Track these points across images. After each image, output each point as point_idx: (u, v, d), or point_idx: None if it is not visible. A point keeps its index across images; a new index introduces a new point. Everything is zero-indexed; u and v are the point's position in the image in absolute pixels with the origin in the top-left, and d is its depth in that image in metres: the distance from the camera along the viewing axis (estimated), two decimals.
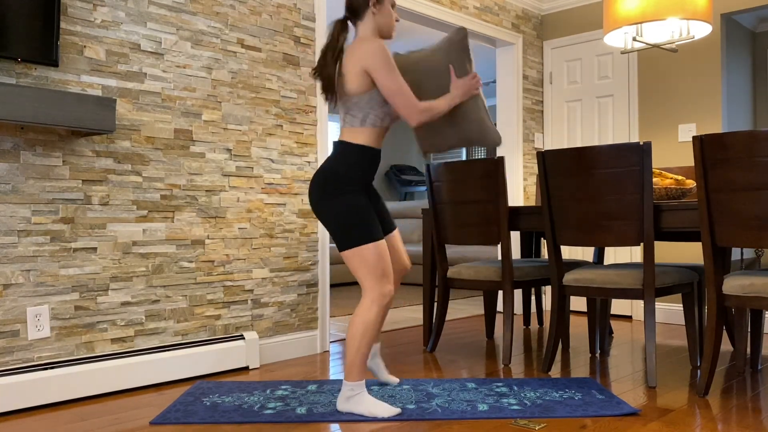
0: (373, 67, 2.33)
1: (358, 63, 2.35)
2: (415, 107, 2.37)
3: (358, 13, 2.45)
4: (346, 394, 2.38)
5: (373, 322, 2.35)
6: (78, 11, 2.65)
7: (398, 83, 2.34)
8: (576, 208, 2.91)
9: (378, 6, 2.44)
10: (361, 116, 2.40)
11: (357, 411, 2.36)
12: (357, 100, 2.39)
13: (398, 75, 2.35)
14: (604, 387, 2.76)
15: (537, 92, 5.16)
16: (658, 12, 2.99)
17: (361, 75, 2.35)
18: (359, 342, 2.35)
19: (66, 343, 2.62)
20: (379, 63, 2.32)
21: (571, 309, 4.99)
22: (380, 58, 2.32)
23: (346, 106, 2.42)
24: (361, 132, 2.42)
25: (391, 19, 2.49)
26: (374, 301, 2.36)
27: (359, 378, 2.38)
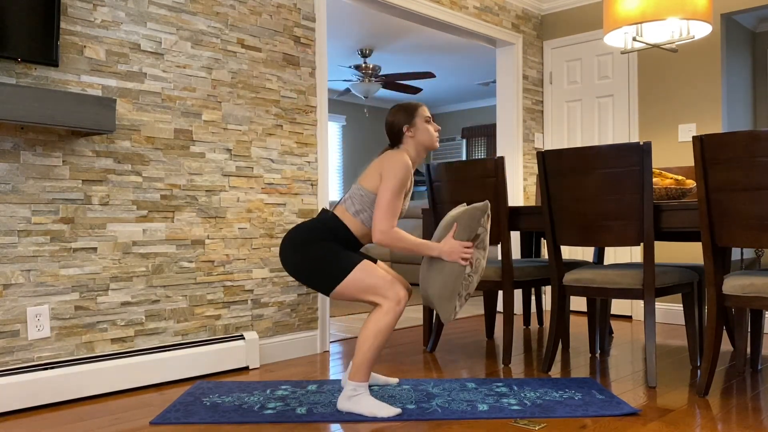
0: (385, 174, 2.46)
1: (380, 166, 2.49)
2: (385, 226, 2.42)
3: (398, 140, 2.63)
4: (348, 394, 2.39)
5: (387, 327, 2.38)
6: (78, 11, 2.65)
7: (390, 199, 2.43)
8: (576, 208, 2.91)
9: (412, 129, 2.60)
10: (358, 208, 2.50)
11: (357, 410, 2.36)
12: (363, 193, 2.50)
13: (398, 195, 2.44)
14: (604, 387, 2.76)
15: (537, 92, 5.17)
16: (658, 12, 2.99)
17: (377, 176, 2.49)
18: (371, 344, 2.37)
19: (66, 343, 2.62)
20: (391, 173, 2.45)
21: (571, 309, 4.99)
22: (396, 171, 2.45)
23: (352, 192, 2.54)
24: (351, 220, 2.51)
25: (429, 134, 2.62)
26: (391, 309, 2.39)
27: (364, 379, 2.39)
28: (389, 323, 2.38)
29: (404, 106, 2.63)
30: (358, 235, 2.52)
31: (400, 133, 2.60)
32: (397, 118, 2.60)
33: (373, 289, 2.39)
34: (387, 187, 2.43)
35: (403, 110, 2.61)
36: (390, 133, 2.63)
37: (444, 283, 2.49)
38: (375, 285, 2.39)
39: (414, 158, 2.63)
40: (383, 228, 2.42)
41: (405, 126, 2.59)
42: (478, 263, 2.54)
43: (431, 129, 2.63)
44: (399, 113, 2.61)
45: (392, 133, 2.62)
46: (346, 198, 2.55)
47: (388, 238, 2.42)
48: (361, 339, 2.39)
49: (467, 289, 2.52)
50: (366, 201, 2.49)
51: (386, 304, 2.39)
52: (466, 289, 2.52)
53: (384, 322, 2.38)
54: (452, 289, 2.49)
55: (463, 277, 2.49)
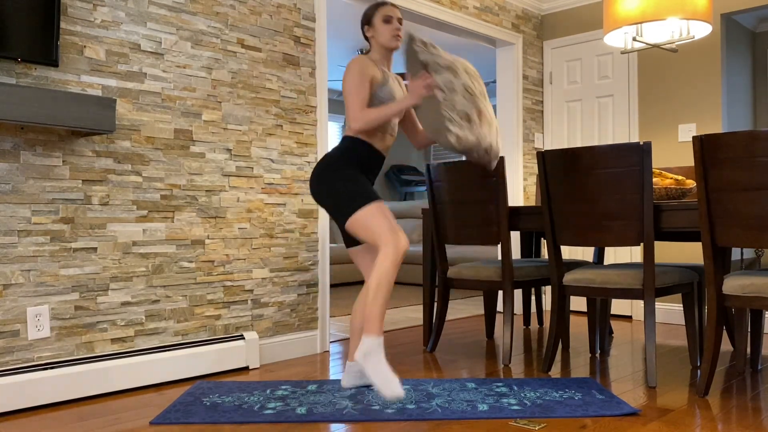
0: (344, 82, 2.61)
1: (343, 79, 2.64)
2: (356, 114, 2.56)
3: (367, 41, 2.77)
4: (365, 350, 2.38)
5: (386, 274, 2.42)
6: (78, 11, 2.65)
7: (350, 95, 2.57)
8: (576, 208, 2.91)
9: (370, 29, 2.72)
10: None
11: (369, 371, 2.34)
12: None
13: (359, 87, 2.56)
14: (604, 387, 2.76)
15: (537, 92, 5.17)
16: (658, 12, 2.99)
17: None
18: (375, 292, 2.42)
19: (66, 343, 2.63)
20: (347, 77, 2.59)
21: (571, 309, 4.99)
22: (350, 73, 2.59)
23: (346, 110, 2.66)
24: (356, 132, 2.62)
25: (386, 34, 2.69)
26: (387, 255, 2.44)
27: (378, 333, 2.40)
28: (388, 268, 2.42)
29: (367, 6, 2.75)
30: (374, 143, 2.64)
31: (364, 35, 2.75)
32: (361, 20, 2.75)
33: (375, 230, 2.46)
34: (346, 86, 2.57)
35: (366, 12, 2.73)
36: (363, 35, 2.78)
37: (431, 120, 2.56)
38: (377, 226, 2.46)
39: (378, 59, 2.73)
40: (354, 116, 2.56)
41: (366, 26, 2.72)
42: (450, 83, 2.54)
43: (389, 28, 2.68)
44: (364, 15, 2.74)
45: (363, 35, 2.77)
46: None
47: (361, 121, 2.54)
48: (370, 291, 2.44)
49: (454, 109, 2.52)
50: None
51: (384, 250, 2.45)
52: (452, 111, 2.52)
53: (383, 267, 2.42)
54: (439, 118, 2.52)
55: (441, 103, 2.51)
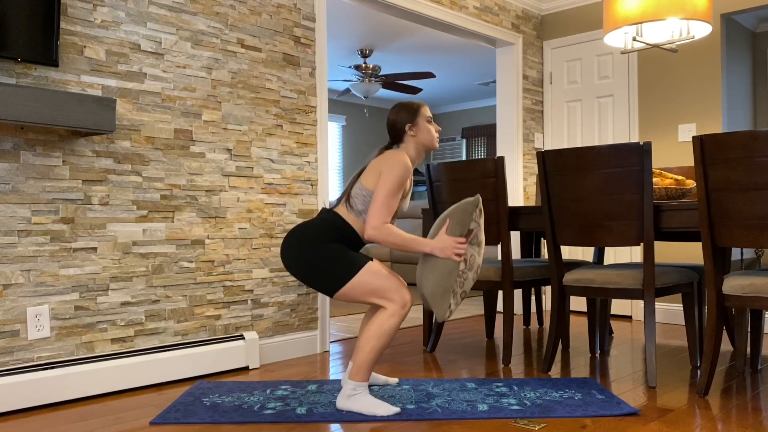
0: (384, 172, 2.46)
1: (380, 164, 2.49)
2: (377, 221, 2.42)
3: (399, 139, 2.63)
4: (348, 393, 2.39)
5: (391, 330, 2.39)
6: (78, 11, 2.65)
7: (385, 196, 2.43)
8: (576, 208, 2.91)
9: (414, 129, 2.60)
10: (361, 208, 2.50)
11: (356, 409, 2.36)
12: (365, 193, 2.49)
13: (394, 194, 2.45)
14: (604, 387, 2.76)
15: (537, 92, 5.17)
16: (658, 12, 2.99)
17: (377, 175, 2.48)
18: (374, 345, 2.38)
19: (66, 343, 2.62)
20: (390, 172, 2.45)
21: (571, 309, 4.99)
22: (395, 170, 2.45)
23: (355, 192, 2.52)
24: (354, 219, 2.51)
25: (430, 134, 2.63)
26: (396, 312, 2.40)
27: (364, 380, 2.40)
28: (394, 326, 2.39)
29: (407, 105, 2.63)
30: (361, 235, 2.52)
31: (402, 132, 2.61)
32: (399, 117, 2.60)
33: (379, 292, 2.39)
34: (384, 184, 2.44)
35: (406, 109, 2.62)
36: (392, 131, 2.63)
37: (437, 281, 2.47)
38: (381, 287, 2.39)
39: (414, 158, 2.63)
40: (375, 224, 2.42)
41: (407, 125, 2.59)
42: (473, 260, 2.52)
43: (432, 129, 2.64)
44: (402, 112, 2.61)
45: (394, 131, 2.62)
46: (347, 200, 2.53)
47: (380, 234, 2.41)
48: (364, 340, 2.39)
49: (462, 286, 2.50)
50: (368, 201, 2.49)
51: (391, 307, 2.39)
52: (461, 287, 2.50)
53: (389, 325, 2.38)
54: (446, 286, 2.47)
55: (456, 273, 2.47)
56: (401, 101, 2.68)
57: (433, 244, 2.47)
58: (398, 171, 2.45)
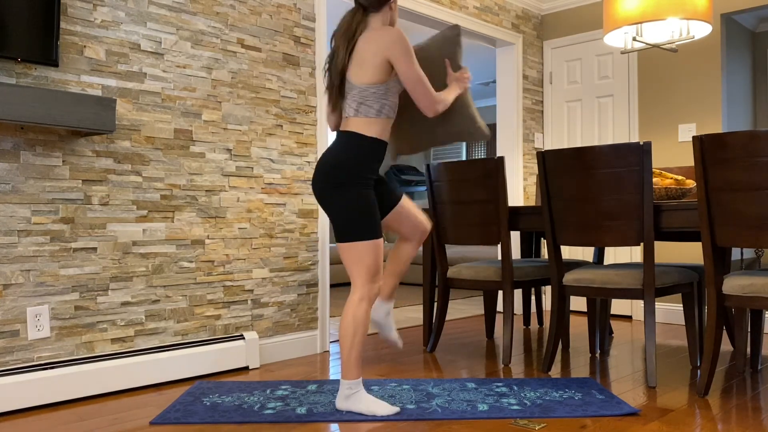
0: (395, 56, 2.31)
1: (380, 52, 2.32)
2: (435, 97, 2.43)
3: (378, 5, 2.42)
4: (345, 393, 2.39)
5: (363, 318, 2.37)
6: (78, 11, 2.65)
7: (419, 73, 2.37)
8: (576, 208, 2.91)
9: (394, 5, 2.48)
10: (377, 107, 2.36)
11: (356, 409, 2.36)
12: (375, 90, 2.35)
13: (418, 65, 2.38)
14: (604, 387, 2.76)
15: (537, 92, 5.16)
16: (658, 12, 2.99)
17: (383, 65, 2.33)
18: (352, 340, 2.36)
19: (66, 343, 2.62)
20: (401, 51, 2.31)
21: (571, 309, 4.99)
22: (403, 47, 2.32)
23: (361, 96, 2.36)
24: (376, 123, 2.38)
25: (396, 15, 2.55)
26: (363, 299, 2.38)
27: (356, 376, 2.39)
28: (364, 314, 2.37)
29: None
30: (385, 136, 2.42)
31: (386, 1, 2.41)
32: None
33: (362, 268, 2.37)
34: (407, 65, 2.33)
35: None
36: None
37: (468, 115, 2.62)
38: (369, 265, 2.37)
39: None
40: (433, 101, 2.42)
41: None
42: None
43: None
44: None
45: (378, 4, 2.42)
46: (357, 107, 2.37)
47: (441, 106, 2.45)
48: (342, 338, 2.38)
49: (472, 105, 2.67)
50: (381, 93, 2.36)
51: (359, 293, 2.38)
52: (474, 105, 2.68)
53: (359, 314, 2.36)
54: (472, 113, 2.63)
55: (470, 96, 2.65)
56: None
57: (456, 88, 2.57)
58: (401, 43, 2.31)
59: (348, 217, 2.36)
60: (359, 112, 2.37)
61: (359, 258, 2.38)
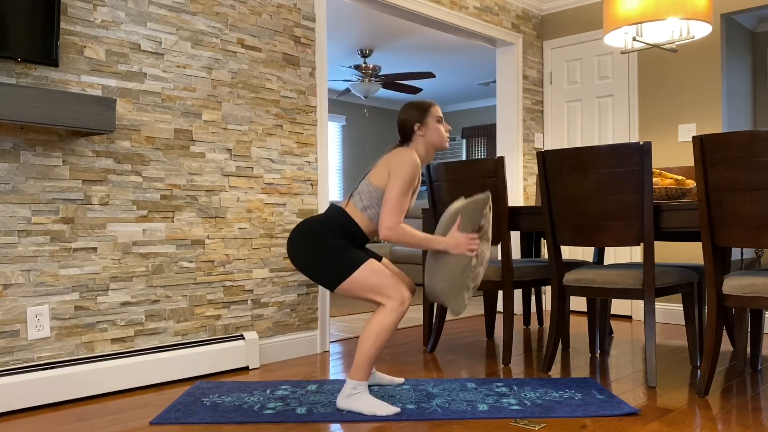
0: (393, 171, 2.48)
1: (388, 162, 2.51)
2: (391, 222, 2.44)
3: (408, 138, 2.64)
4: (348, 392, 2.39)
5: (389, 327, 2.39)
6: (78, 11, 2.65)
7: (397, 195, 2.45)
8: (576, 208, 2.91)
9: (423, 128, 2.61)
10: (366, 204, 2.52)
11: (356, 409, 2.36)
12: (372, 189, 2.51)
13: (405, 193, 2.46)
14: (604, 387, 2.76)
15: (537, 92, 5.17)
16: (658, 12, 2.99)
17: (386, 173, 2.49)
18: (372, 343, 2.38)
19: (66, 343, 2.62)
20: (400, 171, 2.46)
21: (571, 309, 4.99)
22: (404, 169, 2.47)
23: (361, 189, 2.55)
24: (360, 216, 2.53)
25: (440, 134, 2.63)
26: (395, 309, 2.40)
27: (364, 378, 2.40)
28: (392, 323, 2.39)
29: (418, 104, 2.63)
30: (366, 231, 2.54)
31: (411, 132, 2.62)
32: (409, 116, 2.61)
33: (377, 289, 2.41)
34: (395, 184, 2.45)
35: (416, 108, 2.62)
36: (401, 130, 2.65)
37: (452, 277, 2.50)
38: (379, 284, 2.40)
39: (423, 157, 2.64)
40: (390, 224, 2.43)
41: (417, 124, 2.60)
42: (483, 255, 2.55)
43: (442, 129, 2.64)
44: (412, 111, 2.62)
45: (404, 130, 2.64)
46: (355, 193, 2.56)
47: (394, 234, 2.43)
48: (363, 338, 2.40)
49: (474, 281, 2.53)
50: (374, 197, 2.51)
51: (389, 304, 2.40)
52: (473, 282, 2.53)
53: (387, 322, 2.39)
54: (460, 282, 2.50)
55: (470, 269, 2.50)
56: (412, 101, 2.67)
57: (447, 242, 2.50)
58: (407, 170, 2.46)
59: (325, 264, 2.42)
60: (353, 200, 2.56)
61: (364, 287, 2.42)
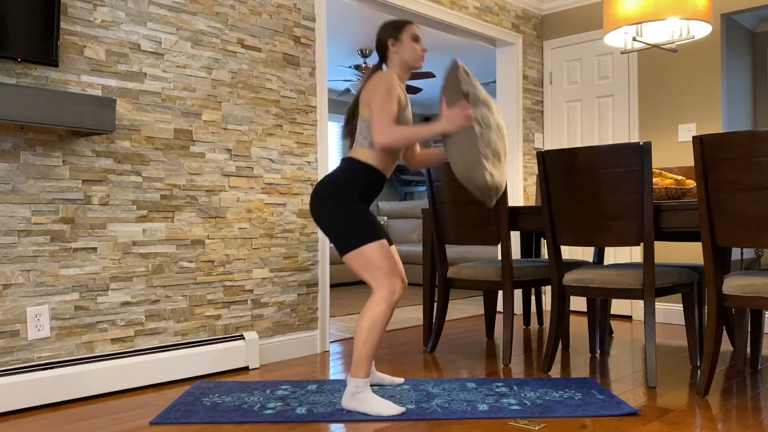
0: (371, 90, 2.47)
1: (369, 91, 2.49)
2: (381, 127, 2.40)
3: (383, 55, 2.63)
4: (351, 391, 2.39)
5: (380, 317, 2.39)
6: (78, 11, 2.65)
7: (380, 104, 2.41)
8: (576, 208, 2.91)
9: (397, 44, 2.59)
10: (370, 139, 2.49)
11: (362, 409, 2.36)
12: (368, 123, 2.49)
13: (388, 102, 2.42)
14: (604, 387, 2.76)
15: (537, 92, 5.17)
16: (658, 12, 2.99)
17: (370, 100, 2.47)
18: (366, 336, 2.38)
19: (66, 343, 2.62)
20: (377, 90, 2.44)
21: (571, 309, 4.99)
22: (381, 87, 2.44)
23: (359, 128, 2.53)
24: (367, 152, 2.51)
25: (415, 52, 2.60)
26: (384, 298, 2.41)
27: (365, 375, 2.39)
28: (382, 313, 2.39)
29: (393, 21, 2.63)
30: (381, 167, 2.52)
31: (385, 48, 2.60)
32: (384, 33, 2.61)
33: (375, 272, 2.41)
34: (375, 98, 2.42)
35: (391, 24, 2.62)
36: (378, 48, 2.64)
37: (464, 154, 2.45)
38: (379, 268, 2.40)
39: (400, 76, 2.62)
40: (380, 130, 2.40)
41: (390, 40, 2.59)
42: (486, 119, 2.49)
43: (417, 47, 2.61)
44: (387, 28, 2.62)
45: (379, 47, 2.63)
46: (356, 138, 2.55)
47: (389, 136, 2.39)
48: (357, 334, 2.40)
49: (488, 146, 2.47)
50: None
51: (379, 293, 2.41)
52: (487, 147, 2.46)
53: (377, 312, 2.39)
54: (473, 154, 2.44)
55: (477, 137, 2.45)
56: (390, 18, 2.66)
57: (441, 123, 2.47)
58: (383, 83, 2.43)
59: (341, 228, 2.42)
60: (357, 142, 2.55)
61: (366, 264, 2.41)
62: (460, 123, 2.44)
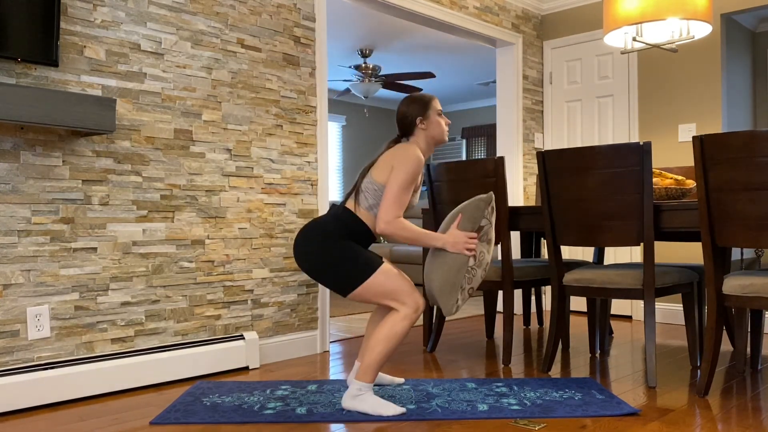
0: (396, 166, 2.44)
1: (392, 158, 2.47)
2: (390, 215, 2.41)
3: (409, 131, 2.62)
4: (353, 393, 2.39)
5: (401, 333, 2.40)
6: (78, 11, 2.65)
7: (398, 189, 2.42)
8: (576, 208, 2.91)
9: (425, 122, 2.60)
10: (372, 203, 2.49)
11: (362, 409, 2.36)
12: (377, 187, 2.48)
13: (407, 188, 2.44)
14: (604, 387, 2.76)
15: (537, 92, 5.16)
16: (658, 12, 2.99)
17: (389, 169, 2.46)
18: (383, 347, 2.38)
19: (66, 343, 2.62)
20: (403, 166, 2.43)
21: (571, 309, 4.99)
22: (409, 164, 2.44)
23: (365, 187, 2.51)
24: (365, 214, 2.50)
25: (441, 128, 2.62)
26: (408, 317, 2.41)
27: (370, 381, 2.40)
28: (404, 329, 2.40)
29: (418, 97, 2.62)
30: (373, 230, 2.52)
31: (413, 125, 2.60)
32: (411, 110, 2.60)
33: (392, 294, 2.40)
34: (397, 178, 2.43)
35: (418, 102, 2.61)
36: (402, 123, 2.62)
37: (446, 276, 2.47)
38: (395, 290, 2.40)
39: (424, 151, 2.63)
40: (388, 218, 2.41)
41: (418, 118, 2.59)
42: (482, 257, 2.52)
43: (443, 122, 2.64)
44: (413, 105, 2.60)
45: (404, 123, 2.62)
46: (359, 192, 2.52)
47: (392, 228, 2.41)
48: (374, 341, 2.39)
49: (470, 282, 2.50)
50: (379, 195, 2.48)
51: (404, 310, 2.41)
52: (469, 283, 2.49)
53: (400, 327, 2.39)
54: (454, 281, 2.48)
55: (466, 269, 2.48)
56: (412, 94, 2.67)
57: (445, 239, 2.48)
58: (411, 165, 2.44)
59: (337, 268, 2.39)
60: (357, 199, 2.51)
61: (383, 292, 2.41)
62: (460, 251, 2.47)
